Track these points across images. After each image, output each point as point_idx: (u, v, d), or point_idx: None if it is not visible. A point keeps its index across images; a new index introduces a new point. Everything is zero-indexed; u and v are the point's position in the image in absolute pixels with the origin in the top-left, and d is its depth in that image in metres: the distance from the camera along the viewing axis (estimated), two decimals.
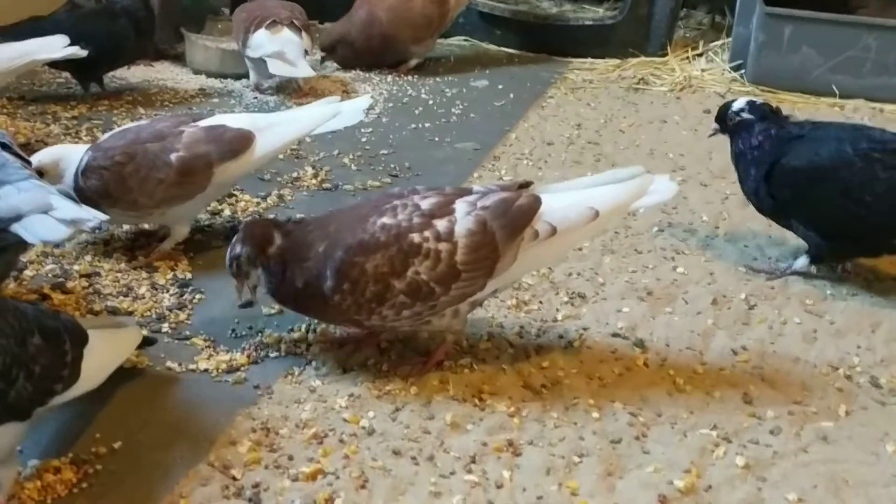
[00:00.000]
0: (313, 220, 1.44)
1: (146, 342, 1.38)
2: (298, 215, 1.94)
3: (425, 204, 1.35)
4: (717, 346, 1.55)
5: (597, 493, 1.19)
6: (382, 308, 1.34)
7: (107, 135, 1.78)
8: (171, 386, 1.37)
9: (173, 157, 1.65)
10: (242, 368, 1.41)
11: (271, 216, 1.94)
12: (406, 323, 1.38)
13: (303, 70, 2.67)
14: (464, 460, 1.23)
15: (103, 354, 1.19)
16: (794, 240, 1.96)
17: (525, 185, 1.43)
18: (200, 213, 1.84)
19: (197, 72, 2.99)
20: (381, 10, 3.08)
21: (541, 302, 1.66)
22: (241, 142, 1.68)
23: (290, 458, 1.22)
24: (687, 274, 1.80)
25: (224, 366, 1.41)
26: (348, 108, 1.78)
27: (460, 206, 1.35)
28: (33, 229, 1.25)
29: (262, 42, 2.69)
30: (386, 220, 1.34)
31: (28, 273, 1.65)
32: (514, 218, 1.34)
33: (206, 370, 1.40)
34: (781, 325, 1.62)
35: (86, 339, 1.15)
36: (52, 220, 1.26)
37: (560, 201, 1.38)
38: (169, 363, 1.41)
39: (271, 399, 1.35)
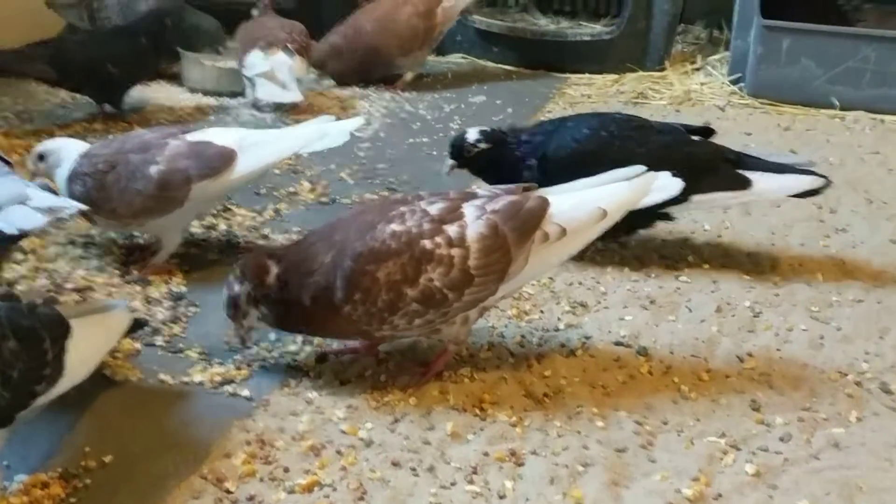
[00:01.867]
0: (315, 232, 1.41)
1: (137, 325, 1.34)
2: (295, 229, 1.93)
3: (433, 209, 1.33)
4: (722, 354, 1.52)
5: (602, 502, 1.15)
6: (395, 317, 1.30)
7: (99, 143, 1.76)
8: (164, 398, 1.34)
9: (153, 169, 1.62)
10: (237, 381, 1.38)
11: (266, 230, 1.92)
12: (417, 332, 1.35)
13: (291, 94, 2.65)
14: (465, 471, 1.20)
15: (90, 344, 1.15)
16: (798, 246, 1.94)
17: (529, 188, 1.41)
18: (186, 227, 1.78)
19: (193, 90, 2.97)
20: (367, 21, 3.10)
21: (542, 311, 1.63)
22: (222, 160, 1.63)
23: (286, 469, 1.19)
24: (690, 282, 1.77)
25: (218, 378, 1.38)
26: (334, 129, 1.74)
27: (469, 210, 1.33)
28: (10, 219, 1.24)
29: (255, 63, 2.70)
30: (395, 226, 1.31)
31: (21, 288, 1.62)
32: (525, 220, 1.33)
33: (200, 382, 1.37)
34: (787, 331, 1.59)
35: (68, 330, 1.11)
36: (28, 209, 1.25)
37: (567, 202, 1.37)
38: (162, 376, 1.38)
39: (267, 411, 1.31)
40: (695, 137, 1.87)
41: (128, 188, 1.62)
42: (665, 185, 1.43)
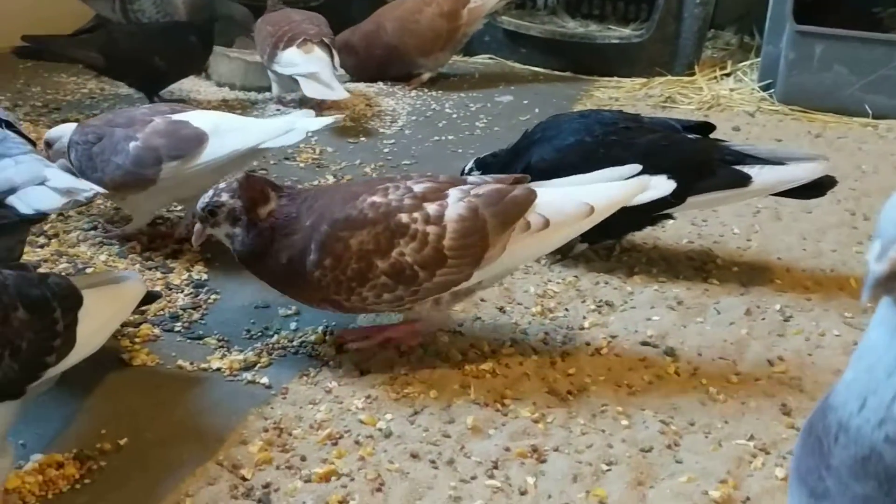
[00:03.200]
0: (306, 192, 1.39)
1: (150, 297, 1.32)
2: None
3: (418, 188, 1.32)
4: (751, 357, 1.48)
5: (626, 502, 1.12)
6: (363, 289, 1.29)
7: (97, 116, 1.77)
8: (182, 384, 1.32)
9: (131, 145, 1.62)
10: (256, 368, 1.36)
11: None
12: (386, 307, 1.34)
13: (338, 92, 2.58)
14: (485, 465, 1.17)
15: (102, 315, 1.13)
16: (830, 252, 1.89)
17: (520, 180, 1.39)
18: (162, 206, 1.81)
19: (220, 84, 2.98)
20: (388, 20, 3.07)
21: (567, 309, 1.60)
22: (192, 142, 1.62)
23: (303, 458, 1.16)
24: (718, 285, 1.73)
25: (237, 365, 1.36)
26: (301, 124, 1.70)
27: (454, 192, 1.31)
28: (28, 199, 1.22)
29: (295, 61, 2.61)
30: (377, 198, 1.30)
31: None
32: (508, 208, 1.30)
33: (218, 369, 1.35)
34: (819, 336, 1.55)
35: (80, 301, 1.08)
36: (46, 190, 1.23)
37: (555, 195, 1.35)
38: (180, 362, 1.37)
39: (285, 399, 1.29)
40: (691, 136, 1.77)
41: (110, 161, 1.63)
42: (659, 186, 1.38)
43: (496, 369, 1.39)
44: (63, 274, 1.52)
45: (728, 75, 3.34)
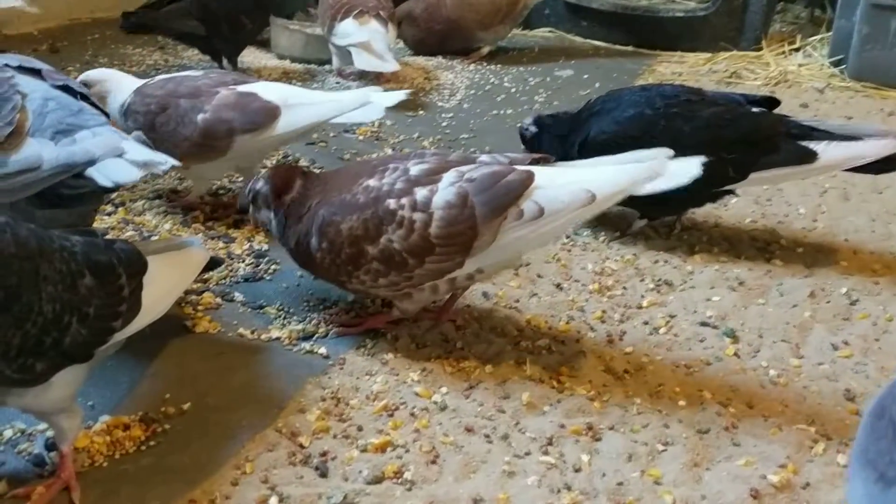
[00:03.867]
0: (321, 175, 1.42)
1: (213, 263, 1.34)
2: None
3: (415, 169, 1.29)
4: (814, 340, 1.44)
5: (681, 483, 1.11)
6: (359, 272, 1.30)
7: (154, 79, 1.77)
8: (242, 352, 1.35)
9: (199, 118, 1.65)
10: (314, 338, 1.38)
11: None
12: (385, 291, 1.34)
13: (389, 64, 2.60)
14: (540, 441, 1.17)
15: (166, 281, 1.14)
16: None
17: (544, 158, 1.35)
18: (222, 175, 1.85)
19: (281, 56, 3.00)
20: None
21: (625, 287, 1.58)
22: (265, 115, 1.65)
23: (360, 428, 1.18)
24: (782, 266, 1.69)
25: (296, 335, 1.38)
26: (377, 99, 1.72)
27: (448, 175, 1.27)
28: (106, 172, 1.25)
29: (349, 31, 2.65)
30: (372, 181, 1.30)
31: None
32: (499, 194, 1.24)
33: (277, 338, 1.38)
34: (887, 321, 1.50)
35: (145, 267, 1.10)
36: (124, 162, 1.25)
37: (556, 179, 1.27)
38: (241, 330, 1.39)
39: (342, 370, 1.31)
40: (755, 109, 1.72)
41: (176, 132, 1.65)
42: (680, 171, 1.29)
43: (552, 346, 1.38)
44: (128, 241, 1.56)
45: (797, 50, 3.24)
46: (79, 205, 1.32)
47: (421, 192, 1.26)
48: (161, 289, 1.13)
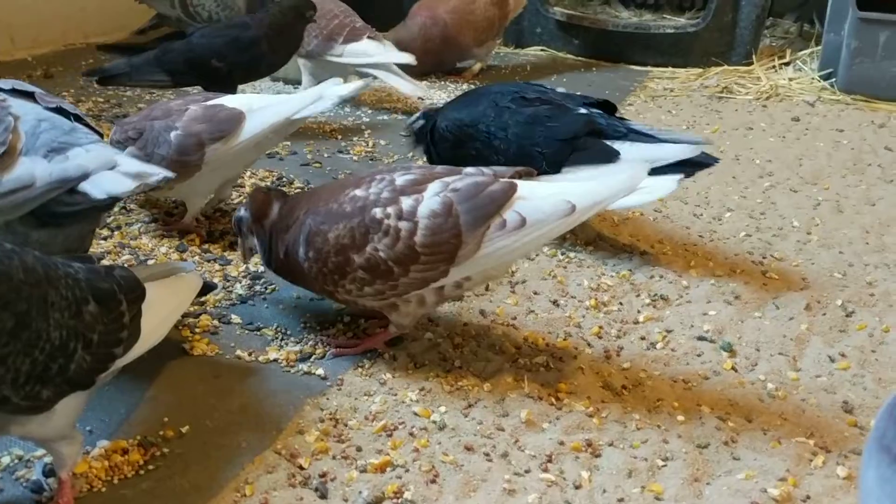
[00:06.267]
0: (307, 191, 1.45)
1: (206, 288, 1.35)
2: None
3: (401, 180, 1.31)
4: (812, 353, 1.45)
5: (682, 498, 1.11)
6: (345, 281, 1.32)
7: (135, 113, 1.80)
8: (240, 374, 1.34)
9: (172, 135, 1.68)
10: (312, 359, 1.38)
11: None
12: (372, 301, 1.35)
13: (419, 89, 2.70)
14: (539, 459, 1.17)
15: (163, 307, 1.15)
16: (894, 245, 1.84)
17: (527, 171, 1.37)
18: (210, 191, 1.83)
19: (275, 79, 3.01)
20: (444, 12, 3.09)
21: (621, 303, 1.59)
22: (231, 122, 1.68)
23: (359, 449, 1.18)
24: (777, 279, 1.70)
25: (294, 356, 1.38)
26: (332, 91, 1.77)
27: (433, 186, 1.30)
28: (100, 184, 1.25)
29: (370, 51, 2.68)
30: (358, 191, 1.32)
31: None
32: (482, 204, 1.27)
33: (275, 360, 1.37)
34: (883, 332, 1.51)
35: (143, 294, 1.10)
36: (117, 174, 1.26)
37: (538, 191, 1.29)
38: (238, 352, 1.39)
39: (341, 390, 1.31)
40: (582, 110, 1.76)
41: (154, 154, 1.67)
42: (657, 186, 1.32)
43: (550, 363, 1.38)
44: (125, 266, 1.56)
45: (787, 64, 3.28)
46: (74, 223, 1.32)
47: (407, 202, 1.28)
48: (158, 315, 1.13)
